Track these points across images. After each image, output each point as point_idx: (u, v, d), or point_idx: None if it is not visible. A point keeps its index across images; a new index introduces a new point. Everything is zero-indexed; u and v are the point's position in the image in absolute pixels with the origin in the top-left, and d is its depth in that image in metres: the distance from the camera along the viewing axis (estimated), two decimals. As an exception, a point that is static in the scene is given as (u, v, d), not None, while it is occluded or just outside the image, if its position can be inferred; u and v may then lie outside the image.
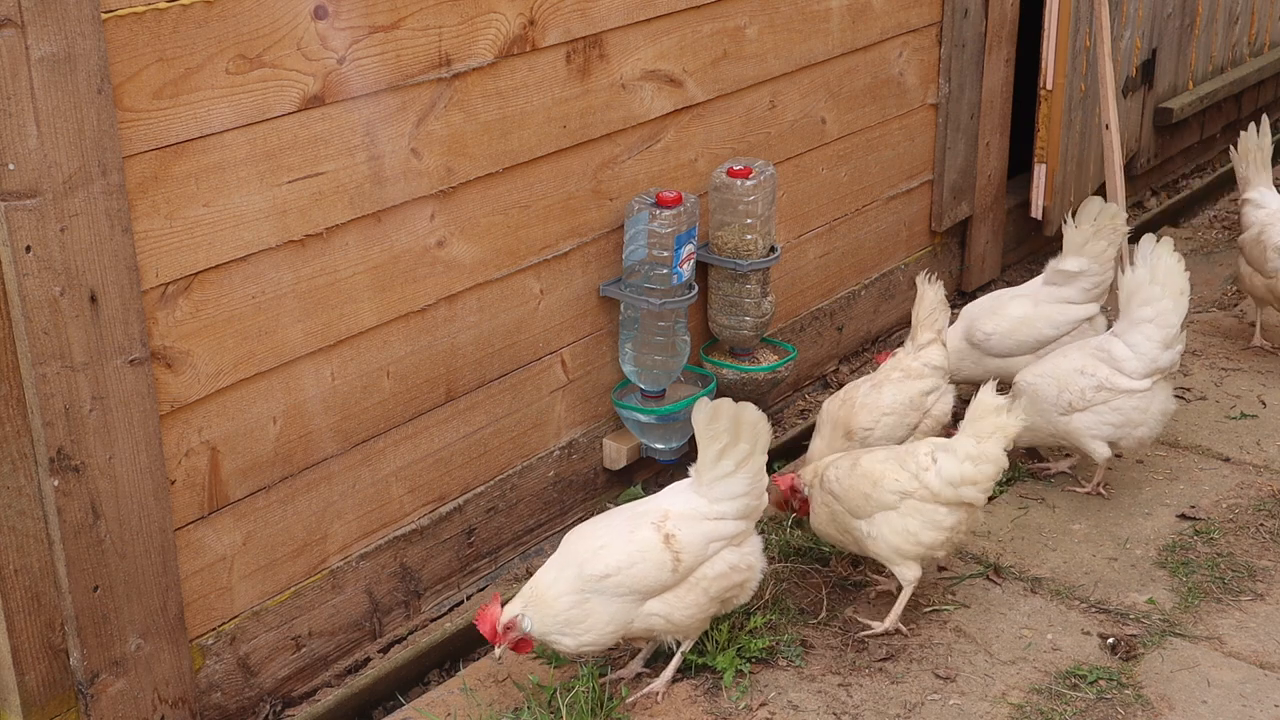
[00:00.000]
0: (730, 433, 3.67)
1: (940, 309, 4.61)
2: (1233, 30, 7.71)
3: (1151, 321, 4.54)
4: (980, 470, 3.93)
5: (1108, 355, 4.58)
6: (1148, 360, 4.54)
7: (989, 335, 5.03)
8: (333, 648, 4.00)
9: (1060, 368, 4.64)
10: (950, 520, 3.96)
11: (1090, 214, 5.01)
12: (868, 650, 4.02)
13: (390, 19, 3.68)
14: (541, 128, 4.17)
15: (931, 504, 3.94)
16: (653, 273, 4.41)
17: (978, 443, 3.94)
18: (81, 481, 3.25)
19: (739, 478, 3.71)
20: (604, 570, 3.60)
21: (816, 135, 5.20)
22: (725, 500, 3.72)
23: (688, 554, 3.66)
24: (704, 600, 3.72)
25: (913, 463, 3.99)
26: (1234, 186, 7.70)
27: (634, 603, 3.64)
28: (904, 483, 3.96)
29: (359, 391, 3.88)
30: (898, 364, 4.58)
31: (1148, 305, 4.56)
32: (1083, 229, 5.00)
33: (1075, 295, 5.06)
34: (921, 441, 4.13)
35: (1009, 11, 5.85)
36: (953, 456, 3.95)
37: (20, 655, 3.27)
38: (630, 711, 3.78)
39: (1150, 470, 4.91)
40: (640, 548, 3.64)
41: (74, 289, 3.14)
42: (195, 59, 3.30)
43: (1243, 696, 3.84)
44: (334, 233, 3.71)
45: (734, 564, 3.74)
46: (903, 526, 3.95)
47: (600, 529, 3.73)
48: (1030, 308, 5.07)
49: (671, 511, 3.70)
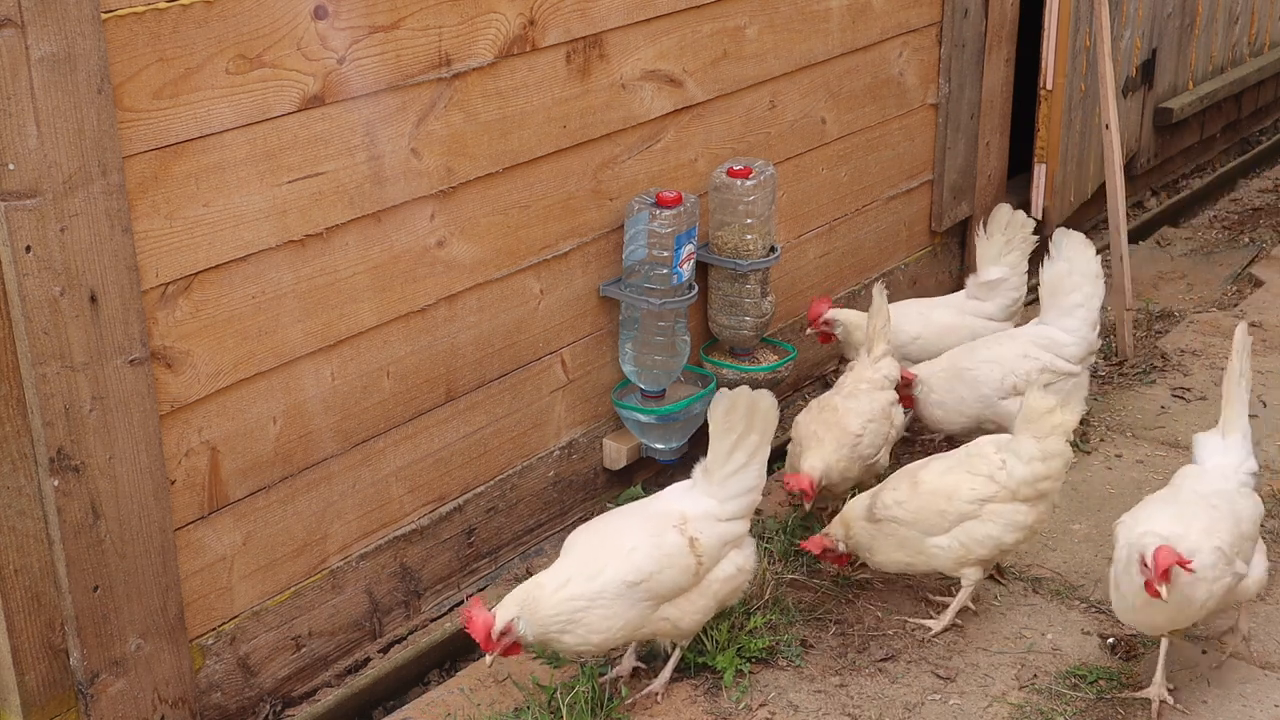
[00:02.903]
0: (746, 421, 3.67)
1: (889, 322, 4.67)
2: (1233, 30, 7.71)
3: (1082, 306, 4.84)
4: (1050, 466, 3.96)
5: (1049, 341, 4.82)
6: (1085, 343, 4.85)
7: (914, 339, 5.05)
8: (333, 648, 4.00)
9: (1002, 353, 4.78)
10: (1032, 516, 3.99)
11: (1000, 224, 5.12)
12: (868, 650, 4.02)
13: (390, 19, 3.68)
14: (541, 128, 4.17)
15: (1013, 504, 3.96)
16: (653, 273, 4.41)
17: (1039, 443, 3.95)
18: (81, 481, 3.25)
19: (750, 471, 3.71)
20: (636, 576, 3.57)
21: (816, 135, 5.20)
22: (734, 499, 3.72)
23: (708, 558, 3.66)
24: (712, 604, 3.72)
25: (983, 465, 4.00)
26: (1233, 187, 7.74)
27: (652, 607, 3.62)
28: (981, 489, 3.96)
29: (359, 391, 3.88)
30: (860, 377, 4.59)
31: (1075, 292, 4.85)
32: (995, 240, 5.13)
33: (996, 312, 5.19)
34: (977, 442, 4.14)
35: (1009, 11, 5.85)
36: (1018, 457, 3.97)
37: (20, 655, 3.27)
38: (630, 711, 3.78)
39: (1150, 470, 4.91)
40: (669, 552, 3.61)
41: (74, 289, 3.14)
42: (195, 59, 3.30)
43: (1243, 696, 3.84)
44: (334, 233, 3.71)
45: (740, 566, 3.75)
46: (985, 533, 3.96)
47: (620, 531, 3.69)
48: (956, 317, 5.15)
49: (689, 514, 3.69)
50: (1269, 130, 8.37)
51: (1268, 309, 6.07)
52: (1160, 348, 5.74)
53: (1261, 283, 6.35)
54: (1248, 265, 6.64)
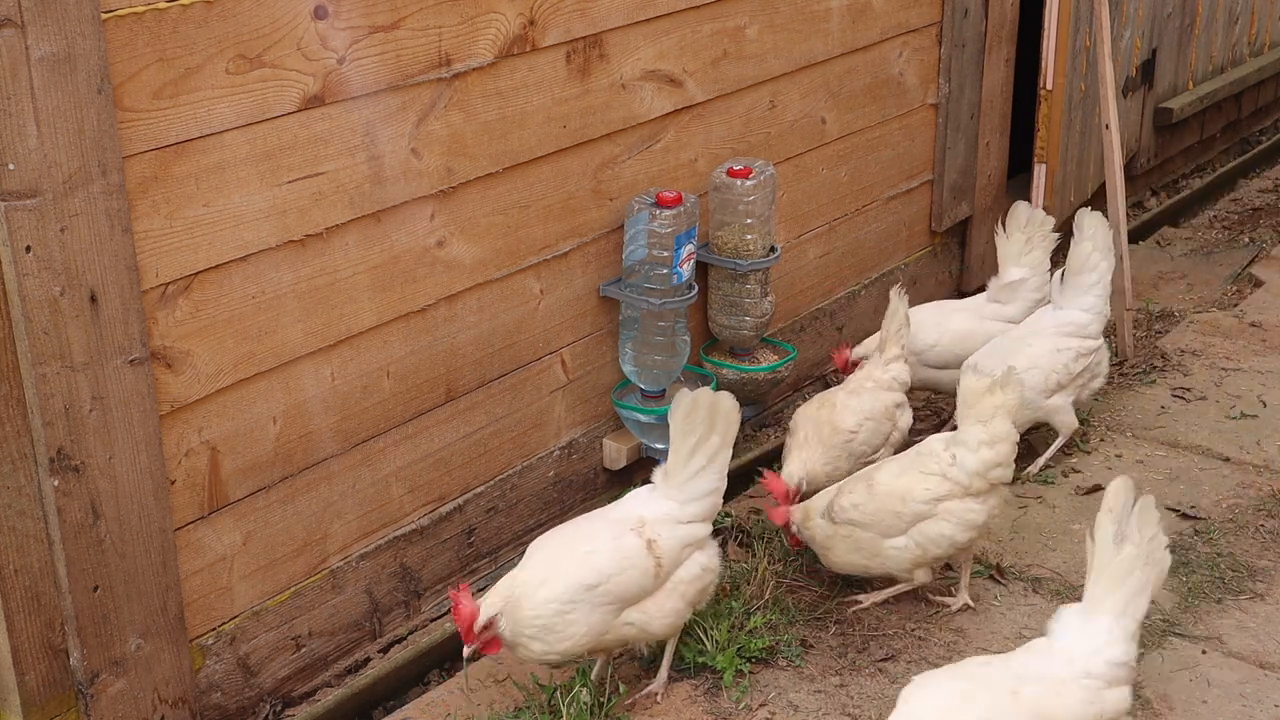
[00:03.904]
0: (706, 423, 3.66)
1: (907, 324, 4.66)
2: (1233, 30, 7.71)
3: (1098, 283, 4.95)
4: (998, 451, 3.95)
5: (1074, 326, 4.90)
6: (1103, 317, 4.98)
7: (931, 346, 5.04)
8: (333, 648, 4.00)
9: (1036, 356, 4.79)
10: (984, 514, 3.99)
11: (1020, 222, 5.11)
12: (868, 650, 4.02)
13: (390, 19, 3.68)
14: (541, 128, 4.17)
15: (965, 500, 3.97)
16: (653, 273, 4.41)
17: (984, 426, 3.95)
18: (81, 481, 3.25)
19: (710, 473, 3.71)
20: (594, 579, 3.56)
21: (816, 135, 5.20)
22: (695, 501, 3.71)
23: (667, 559, 3.64)
24: (681, 606, 3.70)
25: (933, 464, 4.00)
26: (1233, 187, 7.74)
27: (614, 612, 3.60)
28: (935, 488, 3.96)
29: (359, 391, 3.88)
30: (869, 375, 4.61)
31: (1094, 271, 4.94)
32: (1014, 239, 5.10)
33: (1017, 315, 5.16)
34: (926, 441, 4.14)
35: (1009, 11, 5.85)
36: (966, 447, 3.96)
37: (20, 655, 3.27)
38: (630, 711, 3.78)
39: (1150, 470, 4.91)
40: (626, 554, 3.60)
41: (74, 289, 3.14)
42: (195, 59, 3.30)
43: (1243, 696, 3.84)
44: (334, 233, 3.71)
45: (705, 565, 3.73)
46: (939, 532, 3.97)
47: (579, 536, 3.67)
48: (974, 322, 5.13)
49: (647, 517, 3.68)
50: (1269, 130, 8.37)
51: (1268, 309, 6.08)
52: (1160, 348, 5.75)
53: (1261, 283, 6.35)
54: (1248, 265, 6.64)
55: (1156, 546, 3.25)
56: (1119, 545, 3.21)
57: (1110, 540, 3.21)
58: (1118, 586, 3.22)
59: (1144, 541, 3.24)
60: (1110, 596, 3.22)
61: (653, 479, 3.78)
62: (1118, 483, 3.24)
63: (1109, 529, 3.22)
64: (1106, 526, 3.22)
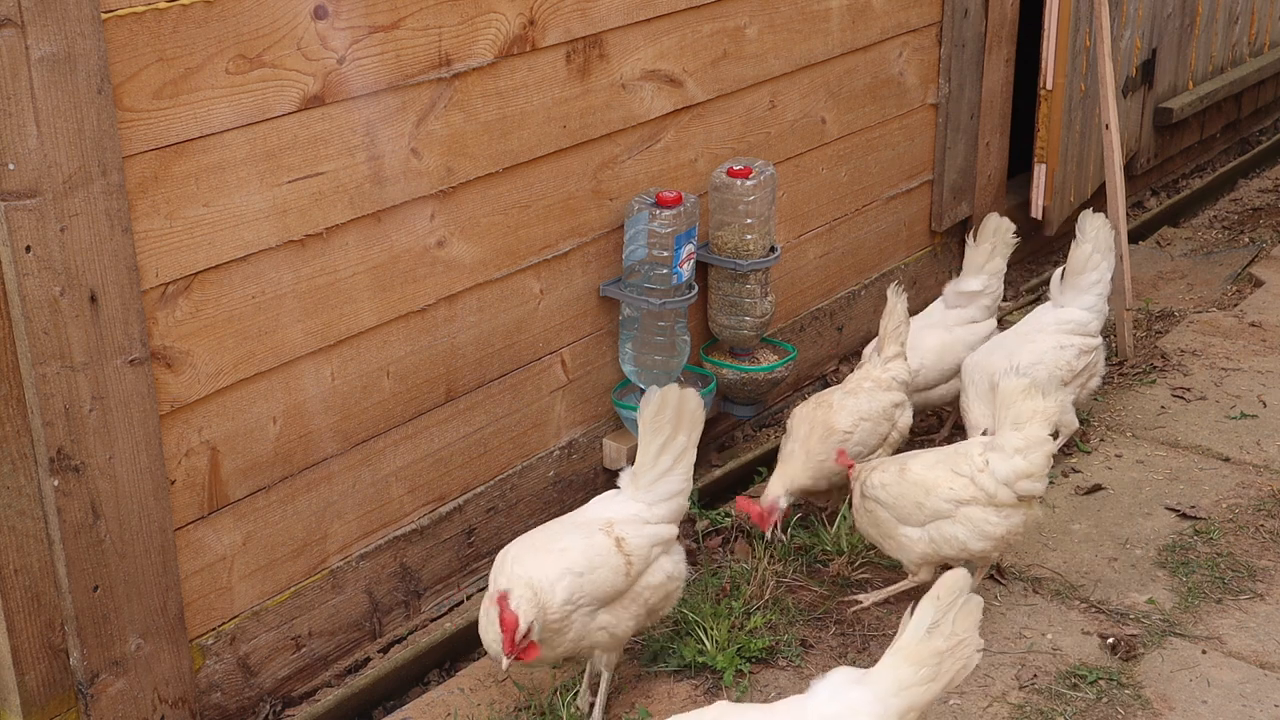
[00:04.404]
0: (673, 423, 3.65)
1: (906, 323, 4.66)
2: (1233, 30, 7.71)
3: (1098, 282, 5.03)
4: (1031, 461, 3.91)
5: (1075, 324, 4.98)
6: (1102, 315, 5.07)
7: (916, 371, 5.00)
8: (333, 648, 4.00)
9: (1040, 353, 4.84)
10: (1003, 528, 3.96)
11: (989, 232, 5.13)
12: (868, 650, 4.02)
13: (390, 19, 3.68)
14: (541, 128, 4.17)
15: (986, 509, 3.94)
16: (653, 273, 4.41)
17: (1019, 431, 3.92)
18: (81, 481, 3.25)
19: (676, 474, 3.70)
20: (581, 570, 3.53)
21: (816, 135, 5.20)
22: (661, 502, 3.70)
23: (637, 558, 3.63)
24: (642, 613, 3.68)
25: (965, 465, 3.98)
26: (1233, 187, 7.74)
27: (590, 613, 3.57)
28: (960, 490, 3.96)
29: (359, 391, 3.88)
30: (868, 375, 4.60)
31: (1094, 271, 5.02)
32: (982, 247, 5.14)
33: (978, 313, 5.19)
34: (967, 441, 4.15)
35: (1009, 11, 5.85)
36: (1002, 453, 3.94)
37: (20, 655, 3.27)
38: (629, 711, 3.77)
39: (1150, 470, 4.91)
40: (599, 551, 3.58)
41: (74, 289, 3.14)
42: (195, 59, 3.30)
43: (1243, 696, 3.84)
44: (334, 233, 3.71)
45: (670, 573, 3.71)
46: (952, 534, 3.96)
47: (551, 537, 3.63)
48: (945, 335, 5.11)
49: (614, 518, 3.67)
50: (1269, 130, 8.37)
51: (1268, 309, 6.08)
52: (1160, 348, 5.75)
53: (1261, 283, 6.35)
54: (1248, 265, 6.64)
55: (968, 648, 3.08)
56: (929, 634, 3.05)
57: (923, 627, 3.05)
58: (909, 667, 3.04)
59: (953, 636, 3.05)
60: (893, 674, 3.04)
61: (619, 483, 3.78)
62: (952, 576, 3.07)
63: (927, 616, 3.05)
64: (925, 612, 3.06)
